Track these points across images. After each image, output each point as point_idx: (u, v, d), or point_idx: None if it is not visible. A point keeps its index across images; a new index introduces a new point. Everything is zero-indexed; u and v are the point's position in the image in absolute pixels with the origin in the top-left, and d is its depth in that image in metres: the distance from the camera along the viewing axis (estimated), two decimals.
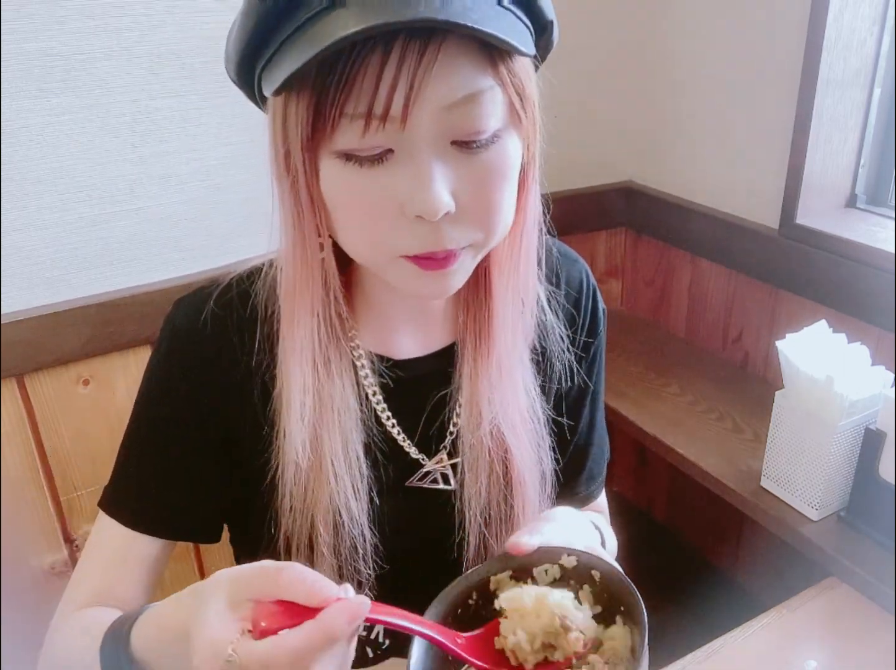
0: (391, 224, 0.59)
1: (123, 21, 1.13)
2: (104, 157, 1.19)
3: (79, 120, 1.15)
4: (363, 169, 0.57)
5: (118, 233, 1.24)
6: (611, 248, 1.83)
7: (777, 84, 1.42)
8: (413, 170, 0.56)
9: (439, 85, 0.54)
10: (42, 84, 1.11)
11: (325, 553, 0.72)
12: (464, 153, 0.58)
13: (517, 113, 0.59)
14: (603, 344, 0.88)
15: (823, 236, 1.38)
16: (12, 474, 1.21)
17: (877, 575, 1.02)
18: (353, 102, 0.54)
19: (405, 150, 0.56)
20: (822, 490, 1.12)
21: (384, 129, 0.54)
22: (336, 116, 0.54)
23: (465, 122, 0.56)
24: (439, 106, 0.55)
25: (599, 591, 0.60)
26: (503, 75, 0.57)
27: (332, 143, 0.56)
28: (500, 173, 0.60)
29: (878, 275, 1.28)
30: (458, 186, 0.58)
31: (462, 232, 0.60)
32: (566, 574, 0.61)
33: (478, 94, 0.56)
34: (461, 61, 0.54)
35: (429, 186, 0.56)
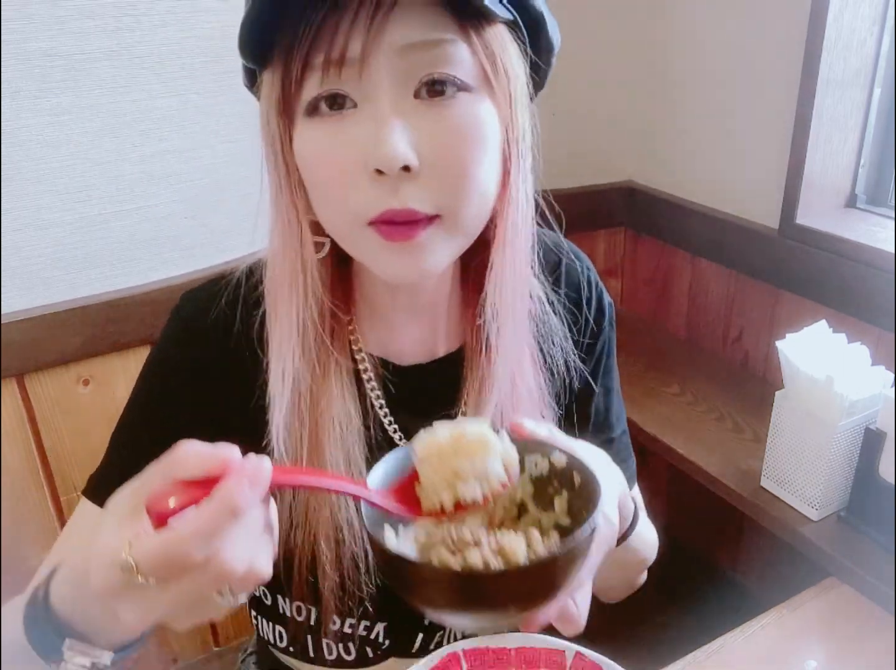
0: (354, 183, 0.58)
1: (124, 21, 1.13)
2: (104, 156, 1.19)
3: (79, 120, 1.15)
4: (327, 125, 0.58)
5: (118, 233, 1.24)
6: (610, 248, 1.83)
7: (777, 84, 1.42)
8: (373, 121, 0.56)
9: (396, 27, 0.55)
10: (42, 84, 1.11)
11: (328, 568, 0.71)
12: (427, 107, 0.57)
13: (489, 80, 0.59)
14: (612, 339, 0.87)
15: (823, 236, 1.38)
16: (12, 474, 1.21)
17: (877, 575, 1.02)
18: (315, 52, 0.56)
19: (365, 102, 0.57)
20: (822, 490, 1.12)
21: (343, 76, 0.56)
22: (300, 69, 0.56)
23: (424, 64, 0.56)
24: (396, 46, 0.55)
25: (575, 497, 0.58)
26: (470, 35, 0.57)
27: (301, 100, 0.58)
28: (468, 131, 0.58)
29: (878, 275, 1.28)
30: (421, 141, 0.57)
31: (424, 193, 0.58)
32: (553, 472, 0.59)
33: (438, 41, 0.56)
34: (421, 12, 0.55)
35: (386, 136, 0.55)
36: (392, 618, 0.79)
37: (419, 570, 0.50)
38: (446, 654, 0.70)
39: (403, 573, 0.50)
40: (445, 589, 0.49)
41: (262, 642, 0.86)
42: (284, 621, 0.80)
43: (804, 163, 1.38)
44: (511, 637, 0.71)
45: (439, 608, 0.51)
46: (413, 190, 0.57)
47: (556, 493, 0.58)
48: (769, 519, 1.19)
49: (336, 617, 0.77)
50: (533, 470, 0.60)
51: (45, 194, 1.16)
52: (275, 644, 0.83)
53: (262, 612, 0.82)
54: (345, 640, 0.79)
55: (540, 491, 0.59)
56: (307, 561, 0.72)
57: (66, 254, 1.21)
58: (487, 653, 0.71)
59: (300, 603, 0.77)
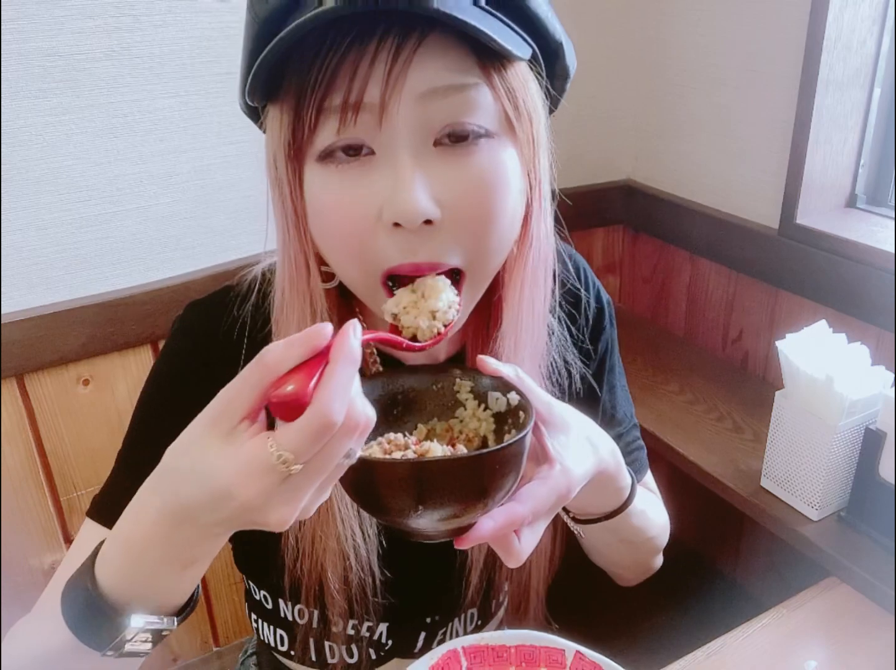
0: (370, 233, 0.56)
1: (123, 21, 1.13)
2: (104, 156, 1.19)
3: (79, 120, 1.15)
4: (343, 172, 0.55)
5: (118, 233, 1.24)
6: (609, 246, 1.83)
7: (777, 84, 1.42)
8: (391, 171, 0.54)
9: (417, 74, 0.52)
10: (42, 84, 1.11)
11: (335, 593, 0.71)
12: (448, 155, 0.55)
13: (511, 123, 0.56)
14: (614, 336, 0.86)
15: (823, 236, 1.38)
16: (12, 474, 1.22)
17: (877, 575, 1.02)
18: (329, 97, 0.53)
19: (384, 151, 0.54)
20: (822, 490, 1.12)
21: (359, 123, 0.53)
22: (314, 114, 0.53)
23: (446, 112, 0.54)
24: (417, 93, 0.53)
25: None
26: (493, 78, 0.54)
27: (313, 145, 0.55)
28: (491, 179, 0.56)
29: (878, 275, 1.28)
30: (442, 192, 0.55)
31: (445, 247, 0.56)
32: (509, 411, 0.61)
33: (461, 86, 0.53)
34: (444, 55, 0.52)
35: (406, 188, 0.53)
36: (394, 618, 0.79)
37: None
38: (446, 652, 0.70)
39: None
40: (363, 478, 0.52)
41: (263, 644, 0.86)
42: (285, 625, 0.80)
43: (804, 163, 1.38)
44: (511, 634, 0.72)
45: (368, 499, 0.54)
46: (435, 244, 0.56)
47: (509, 432, 0.61)
48: (769, 519, 1.19)
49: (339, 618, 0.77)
50: (494, 405, 0.62)
51: (45, 194, 1.16)
52: (275, 647, 0.83)
53: (263, 616, 0.82)
54: (347, 642, 0.79)
55: (499, 427, 0.62)
56: (315, 586, 0.72)
57: (66, 254, 1.21)
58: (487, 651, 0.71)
59: (303, 607, 0.77)
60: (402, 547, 0.73)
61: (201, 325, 0.70)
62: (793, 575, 1.51)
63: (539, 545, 0.79)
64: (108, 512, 0.70)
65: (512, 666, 0.70)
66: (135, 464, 0.71)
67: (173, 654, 1.51)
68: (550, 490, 0.58)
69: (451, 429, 0.62)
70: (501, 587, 0.86)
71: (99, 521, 0.70)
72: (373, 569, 0.71)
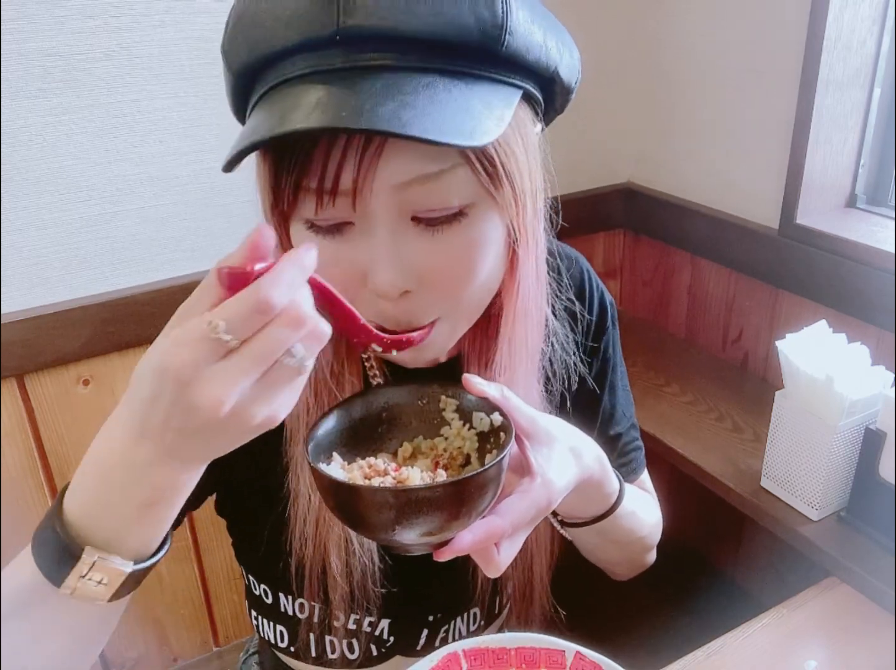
0: (357, 294, 0.58)
1: (123, 21, 1.14)
2: (104, 156, 1.19)
3: (79, 120, 1.15)
4: (326, 239, 0.57)
5: (118, 233, 1.24)
6: (610, 250, 1.83)
7: (777, 84, 1.42)
8: (369, 245, 0.56)
9: (389, 164, 0.53)
10: (42, 84, 1.11)
11: (338, 579, 0.72)
12: (425, 230, 0.56)
13: (488, 189, 0.56)
14: (616, 336, 0.87)
15: (823, 236, 1.38)
16: (12, 474, 1.22)
17: (877, 575, 1.02)
18: (306, 178, 0.54)
19: (362, 224, 0.56)
20: (822, 490, 1.12)
21: (336, 205, 0.54)
22: (292, 190, 0.55)
23: (422, 199, 0.55)
24: (391, 184, 0.53)
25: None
26: (467, 154, 0.54)
27: (296, 210, 0.57)
28: (467, 254, 0.58)
29: (878, 275, 1.28)
30: (419, 262, 0.56)
31: (425, 308, 0.59)
32: (493, 431, 0.62)
33: (434, 175, 0.54)
34: (415, 144, 0.51)
35: (383, 265, 0.55)
36: (396, 615, 0.79)
37: (323, 480, 0.54)
38: (446, 654, 0.70)
39: (325, 489, 0.55)
40: (343, 498, 0.54)
41: (264, 642, 0.86)
42: (285, 620, 0.80)
43: (804, 163, 1.38)
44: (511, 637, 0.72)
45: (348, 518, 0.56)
46: (411, 307, 0.58)
47: (490, 450, 0.62)
48: (769, 519, 1.19)
49: (340, 613, 0.77)
50: (478, 424, 0.63)
51: (45, 194, 1.16)
52: (275, 644, 0.83)
53: (263, 612, 0.82)
54: (348, 637, 0.80)
55: (482, 446, 0.62)
56: (318, 572, 0.72)
57: (66, 254, 1.21)
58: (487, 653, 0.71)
59: (304, 601, 0.77)
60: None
61: None
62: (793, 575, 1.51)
63: (539, 533, 0.79)
64: None
65: (512, 667, 0.70)
66: None
67: (173, 654, 1.51)
68: (531, 503, 0.59)
69: (435, 448, 0.63)
70: (504, 588, 0.86)
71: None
72: (374, 555, 0.72)
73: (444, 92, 0.51)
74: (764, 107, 1.46)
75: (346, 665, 0.81)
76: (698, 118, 1.60)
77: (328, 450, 0.60)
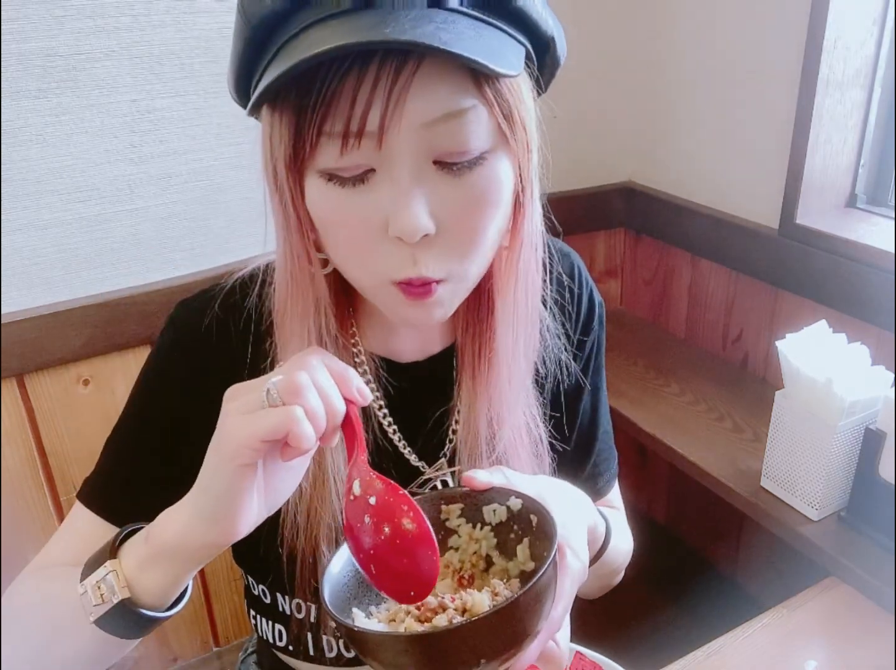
0: (375, 245, 0.58)
1: (123, 21, 1.14)
2: (104, 157, 1.19)
3: (79, 120, 1.15)
4: (345, 189, 0.56)
5: (118, 233, 1.24)
6: (610, 249, 1.83)
7: (777, 84, 1.42)
8: (392, 189, 0.56)
9: (417, 102, 0.53)
10: (42, 84, 1.11)
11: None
12: (447, 174, 0.57)
13: (505, 134, 0.58)
14: (602, 338, 0.87)
15: (823, 236, 1.38)
16: (12, 474, 1.22)
17: (877, 575, 1.02)
18: (330, 121, 0.53)
19: (385, 169, 0.56)
20: (822, 490, 1.12)
21: (361, 148, 0.54)
22: (315, 136, 0.54)
23: (446, 141, 0.55)
24: (417, 123, 0.54)
25: (535, 539, 0.58)
26: (487, 95, 0.55)
27: (314, 162, 0.56)
28: (485, 198, 0.58)
29: (878, 275, 1.28)
30: (440, 208, 0.57)
31: (439, 260, 0.59)
32: (512, 517, 0.59)
33: (459, 112, 0.54)
34: (441, 80, 0.53)
35: (407, 206, 0.55)
36: None
37: (386, 641, 0.49)
38: None
39: (374, 647, 0.50)
40: (416, 654, 0.48)
41: (263, 642, 0.86)
42: (283, 619, 0.80)
43: (804, 163, 1.38)
44: None
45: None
46: (428, 257, 0.58)
47: (518, 539, 0.59)
48: (769, 519, 1.19)
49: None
50: (492, 518, 0.60)
51: (45, 194, 1.16)
52: (274, 643, 0.83)
53: (261, 611, 0.82)
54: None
55: (502, 539, 0.59)
56: (309, 562, 0.72)
57: (66, 254, 1.21)
58: None
59: (300, 601, 0.77)
60: None
61: (190, 321, 0.72)
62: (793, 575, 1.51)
63: None
64: (97, 496, 0.73)
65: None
66: (124, 449, 0.74)
67: (173, 654, 1.52)
68: (572, 580, 0.58)
69: (450, 564, 0.59)
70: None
71: (87, 505, 0.73)
72: None
73: (468, 29, 0.52)
74: (764, 107, 1.46)
75: (343, 663, 0.81)
76: (699, 118, 1.60)
77: (346, 608, 0.55)
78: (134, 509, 0.71)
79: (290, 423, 0.49)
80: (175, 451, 0.72)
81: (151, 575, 0.57)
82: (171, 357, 0.73)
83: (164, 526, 0.57)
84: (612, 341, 1.65)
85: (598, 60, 1.64)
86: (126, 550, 0.59)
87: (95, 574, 0.58)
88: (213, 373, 0.70)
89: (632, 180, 1.79)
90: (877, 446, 1.06)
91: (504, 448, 0.73)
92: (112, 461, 0.74)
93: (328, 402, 0.52)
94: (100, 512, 0.72)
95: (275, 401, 0.51)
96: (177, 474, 0.73)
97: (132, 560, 0.58)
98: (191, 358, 0.71)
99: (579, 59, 1.63)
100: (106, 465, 0.75)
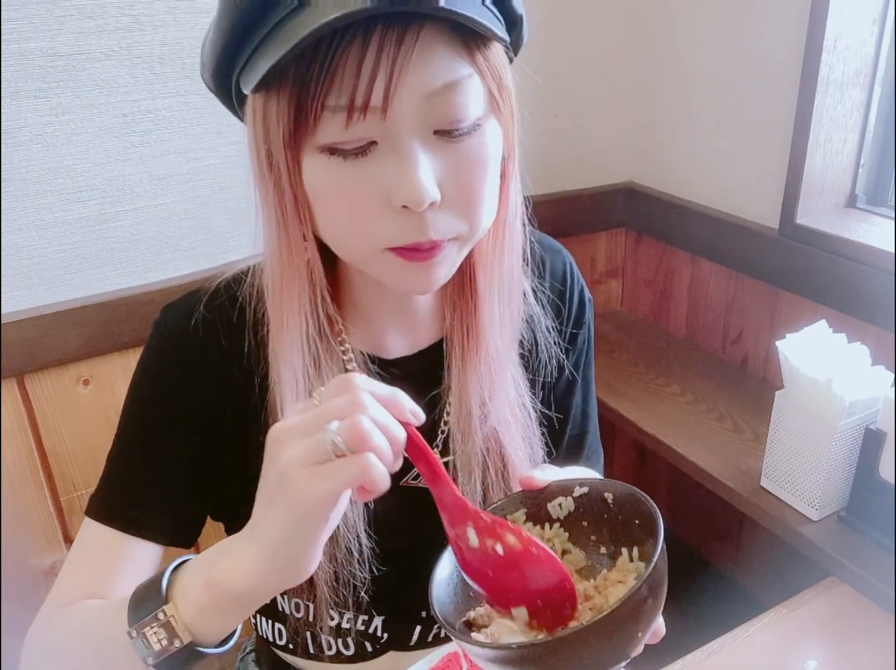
0: (377, 216, 0.58)
1: (123, 21, 1.14)
2: (104, 157, 1.19)
3: (79, 120, 1.15)
4: (347, 162, 0.57)
5: (118, 233, 1.24)
6: (611, 249, 1.83)
7: (777, 84, 1.42)
8: (397, 159, 0.56)
9: (419, 73, 0.54)
10: (42, 84, 1.11)
11: (323, 560, 0.71)
12: (446, 141, 0.58)
13: (496, 101, 0.60)
14: (591, 333, 0.88)
15: (823, 236, 1.38)
16: (12, 474, 1.22)
17: (877, 575, 1.02)
18: (334, 94, 0.54)
19: (388, 141, 0.56)
20: (822, 490, 1.12)
21: (366, 120, 0.55)
22: (318, 110, 0.54)
23: (446, 109, 0.56)
24: (420, 94, 0.55)
25: (614, 515, 0.57)
26: (480, 63, 0.57)
27: (315, 137, 0.56)
28: (482, 161, 0.60)
29: (878, 275, 1.28)
30: (442, 175, 0.58)
31: (447, 222, 0.60)
32: (580, 505, 0.59)
33: (457, 81, 0.56)
34: (439, 49, 0.54)
35: (414, 175, 0.56)
36: (389, 612, 0.80)
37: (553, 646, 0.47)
38: (447, 654, 0.70)
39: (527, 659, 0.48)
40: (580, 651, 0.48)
41: (262, 640, 0.87)
42: (283, 618, 0.81)
43: (804, 163, 1.38)
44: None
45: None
46: (435, 221, 0.59)
47: (596, 525, 0.58)
48: (769, 519, 1.19)
49: (334, 613, 0.77)
50: (559, 512, 0.59)
51: (45, 194, 1.16)
52: (274, 642, 0.83)
53: (261, 610, 0.83)
54: (343, 635, 0.80)
55: (575, 531, 0.59)
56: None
57: (66, 254, 1.21)
58: None
59: (298, 600, 0.78)
60: (394, 541, 0.74)
61: (177, 324, 0.72)
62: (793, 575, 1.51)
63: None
64: (106, 509, 0.72)
65: None
66: (126, 460, 0.74)
67: None
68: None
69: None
70: None
71: (97, 519, 0.71)
72: (359, 536, 0.71)
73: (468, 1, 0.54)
74: (764, 107, 1.46)
75: (342, 660, 0.82)
76: (699, 118, 1.60)
77: (463, 630, 0.55)
78: (147, 515, 0.72)
79: (367, 472, 0.48)
80: (178, 452, 0.72)
81: (214, 620, 0.56)
82: (161, 360, 0.72)
83: (231, 575, 0.53)
84: (613, 341, 1.66)
85: (599, 60, 1.64)
86: (182, 594, 0.56)
87: (151, 618, 0.55)
88: (204, 372, 0.71)
89: (632, 181, 1.79)
90: (877, 446, 1.06)
91: (497, 422, 0.73)
92: (118, 472, 0.74)
93: (390, 436, 0.50)
94: (114, 524, 0.71)
95: (341, 449, 0.48)
96: (183, 473, 0.73)
97: (191, 606, 0.55)
98: (181, 359, 0.71)
99: (581, 59, 1.63)
100: (112, 477, 0.74)
